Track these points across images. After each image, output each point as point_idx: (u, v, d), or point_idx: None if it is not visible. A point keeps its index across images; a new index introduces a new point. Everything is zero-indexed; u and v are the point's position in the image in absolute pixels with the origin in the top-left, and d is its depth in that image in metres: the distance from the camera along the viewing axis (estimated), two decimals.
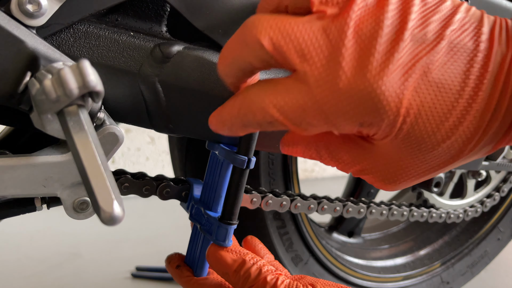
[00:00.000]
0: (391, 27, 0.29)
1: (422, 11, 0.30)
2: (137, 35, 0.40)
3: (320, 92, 0.29)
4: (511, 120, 0.31)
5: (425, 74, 0.29)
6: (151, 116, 0.42)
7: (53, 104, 0.28)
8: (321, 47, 0.29)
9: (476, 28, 0.30)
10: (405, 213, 0.73)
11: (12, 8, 0.33)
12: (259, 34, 0.29)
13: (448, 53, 0.30)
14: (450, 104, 0.30)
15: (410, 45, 0.29)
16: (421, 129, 0.30)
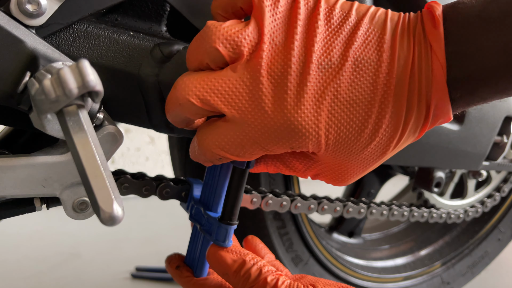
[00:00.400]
0: (298, 63, 0.33)
1: (326, 36, 0.33)
2: (137, 34, 0.40)
3: (250, 129, 0.34)
4: (425, 111, 0.34)
5: (335, 97, 0.33)
6: (151, 116, 0.42)
7: (52, 104, 0.27)
8: (241, 94, 0.33)
9: (379, 38, 0.34)
10: (405, 213, 0.73)
11: (12, 8, 0.33)
12: (187, 95, 0.33)
13: (354, 71, 0.33)
14: (365, 115, 0.34)
15: (318, 74, 0.33)
16: (345, 141, 0.35)
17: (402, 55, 0.33)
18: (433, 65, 0.33)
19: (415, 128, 0.35)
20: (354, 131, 0.34)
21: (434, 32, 0.33)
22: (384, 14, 0.35)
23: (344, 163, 0.37)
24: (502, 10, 0.32)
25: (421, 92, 0.34)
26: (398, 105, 0.34)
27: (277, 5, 0.34)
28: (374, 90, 0.33)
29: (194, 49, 0.34)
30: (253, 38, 0.33)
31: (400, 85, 0.33)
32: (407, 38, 0.34)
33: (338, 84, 0.33)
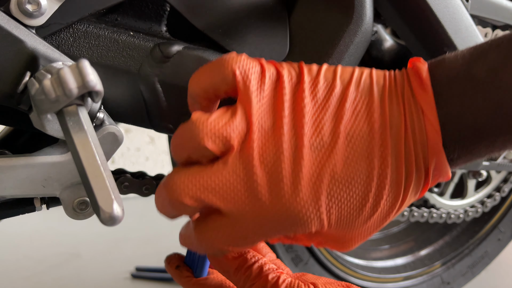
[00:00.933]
0: (290, 148, 0.32)
1: (314, 113, 0.32)
2: (137, 34, 0.40)
3: (250, 222, 0.32)
4: (424, 175, 0.33)
5: (332, 177, 0.32)
6: (151, 116, 0.42)
7: (52, 104, 0.27)
8: (236, 188, 0.32)
9: (368, 106, 0.33)
10: (405, 213, 0.73)
11: (12, 8, 0.33)
12: (180, 197, 0.32)
13: (347, 147, 0.32)
14: (365, 190, 0.32)
15: (311, 156, 0.32)
16: (347, 217, 0.33)
17: (394, 123, 0.32)
18: (427, 129, 0.33)
19: (416, 191, 0.34)
20: (355, 207, 0.33)
21: (423, 95, 0.33)
22: (369, 78, 0.34)
23: (347, 234, 0.36)
24: (490, 68, 0.32)
25: (418, 157, 0.33)
26: (396, 175, 0.33)
27: (262, 87, 0.33)
28: (371, 163, 0.32)
29: (180, 145, 0.33)
30: (241, 129, 0.32)
31: (396, 155, 0.32)
32: (396, 103, 0.33)
33: (334, 164, 0.32)
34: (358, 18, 0.45)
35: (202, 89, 0.34)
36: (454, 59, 0.33)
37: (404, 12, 0.49)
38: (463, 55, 0.33)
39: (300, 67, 0.34)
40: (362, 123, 0.32)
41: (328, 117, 0.32)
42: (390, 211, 0.34)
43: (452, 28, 0.50)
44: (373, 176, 0.32)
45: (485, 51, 0.33)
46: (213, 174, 0.32)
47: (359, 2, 0.44)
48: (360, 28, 0.45)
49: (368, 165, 0.32)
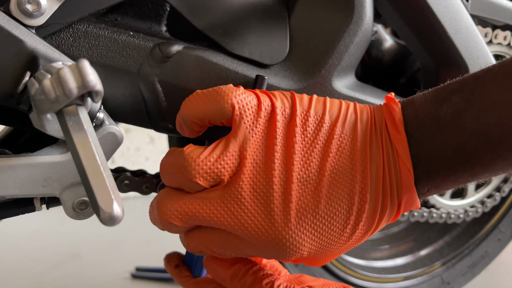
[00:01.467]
0: (279, 182, 0.34)
1: (303, 148, 0.34)
2: (137, 34, 0.40)
3: (234, 240, 0.35)
4: (397, 207, 0.36)
5: (316, 212, 0.34)
6: (151, 116, 0.42)
7: (52, 104, 0.27)
8: (222, 215, 0.34)
9: (352, 145, 0.35)
10: (405, 212, 0.73)
11: (12, 7, 0.33)
12: (169, 218, 0.35)
13: (331, 184, 0.34)
14: (344, 223, 0.35)
15: (298, 191, 0.34)
16: (325, 247, 0.36)
17: (374, 162, 0.35)
18: (401, 169, 0.35)
19: (388, 219, 0.37)
20: (334, 238, 0.36)
21: (398, 137, 0.35)
22: (354, 114, 0.36)
23: (325, 256, 0.38)
24: (454, 111, 0.34)
25: (393, 194, 0.35)
26: (373, 209, 0.35)
27: (258, 121, 0.34)
28: (351, 200, 0.34)
29: (171, 175, 0.35)
30: (232, 164, 0.34)
31: (374, 192, 0.35)
32: (376, 142, 0.35)
33: (318, 200, 0.34)
34: (358, 18, 0.45)
35: (197, 117, 0.35)
36: (424, 101, 0.36)
37: (404, 12, 0.49)
38: (430, 96, 0.36)
39: (293, 98, 0.36)
40: (346, 161, 0.35)
41: (316, 154, 0.34)
42: (362, 238, 0.37)
43: (452, 28, 0.50)
44: (353, 211, 0.35)
45: (450, 94, 0.35)
46: (202, 201, 0.34)
47: (359, 2, 0.44)
48: (360, 28, 0.45)
49: (349, 201, 0.34)
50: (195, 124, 0.36)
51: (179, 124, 0.37)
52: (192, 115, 0.35)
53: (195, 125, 0.36)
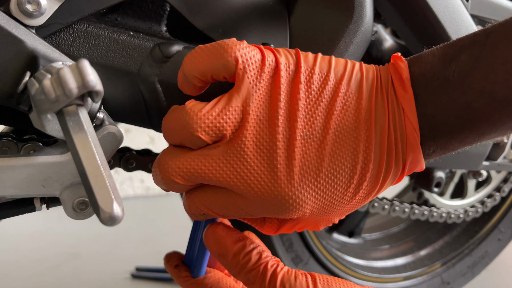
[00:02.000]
0: (283, 139, 0.33)
1: (307, 106, 0.34)
2: (137, 34, 0.40)
3: (237, 198, 0.34)
4: (401, 168, 0.36)
5: (319, 170, 0.34)
6: (151, 116, 0.42)
7: (52, 104, 0.27)
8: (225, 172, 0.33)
9: (357, 103, 0.34)
10: (406, 209, 0.73)
11: (12, 7, 0.33)
12: (171, 176, 0.34)
13: (335, 142, 0.34)
14: (347, 182, 0.35)
15: (302, 148, 0.33)
16: (328, 206, 0.35)
17: (379, 121, 0.34)
18: (406, 127, 0.34)
19: (392, 180, 0.37)
20: (337, 197, 0.35)
21: (405, 96, 0.34)
22: (359, 72, 0.35)
23: (327, 215, 0.38)
24: (461, 70, 0.33)
25: (398, 153, 0.35)
26: (378, 169, 0.35)
27: (262, 76, 0.34)
28: (355, 158, 0.34)
29: (173, 131, 0.34)
30: (235, 119, 0.33)
31: (379, 151, 0.34)
32: (381, 100, 0.35)
33: (322, 158, 0.34)
34: (358, 18, 0.45)
35: (200, 72, 0.34)
36: (431, 59, 0.35)
37: (404, 12, 0.49)
38: (438, 53, 0.35)
39: (297, 55, 0.35)
40: (351, 119, 0.34)
41: (320, 111, 0.34)
42: (366, 198, 0.36)
43: (452, 28, 0.50)
44: (357, 170, 0.34)
45: (458, 52, 0.34)
46: (204, 158, 0.33)
47: (359, 2, 0.44)
48: (360, 28, 0.45)
49: (353, 160, 0.34)
50: (198, 79, 0.35)
51: (181, 80, 0.36)
52: (195, 69, 0.34)
53: (198, 80, 0.35)
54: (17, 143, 0.37)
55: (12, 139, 0.37)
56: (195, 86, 0.36)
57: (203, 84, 0.36)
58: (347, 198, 0.36)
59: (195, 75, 0.35)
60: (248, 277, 0.39)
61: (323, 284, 0.38)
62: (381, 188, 0.36)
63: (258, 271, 0.38)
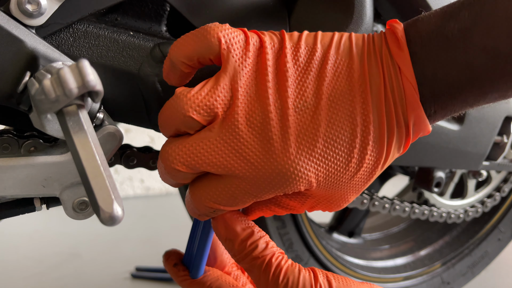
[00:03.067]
0: (275, 110, 0.33)
1: (296, 77, 0.34)
2: (137, 34, 0.40)
3: (240, 182, 0.34)
4: (405, 130, 0.35)
5: (317, 136, 0.33)
6: (151, 116, 0.42)
7: (52, 104, 0.27)
8: (223, 152, 0.33)
9: (348, 67, 0.34)
10: (406, 209, 0.73)
11: (12, 7, 0.33)
12: (172, 164, 0.34)
13: (330, 107, 0.34)
14: (349, 147, 0.34)
15: (296, 117, 0.33)
16: (334, 174, 0.35)
17: (374, 82, 0.34)
18: (404, 86, 0.34)
19: (399, 146, 0.36)
20: (341, 164, 0.35)
21: (400, 54, 0.34)
22: (348, 40, 0.35)
23: (336, 193, 0.37)
24: (462, 27, 0.33)
25: (398, 114, 0.34)
26: (379, 131, 0.34)
27: (246, 55, 0.34)
28: (354, 121, 0.34)
29: (167, 119, 0.35)
30: (225, 97, 0.33)
31: (377, 112, 0.34)
32: (375, 63, 0.34)
33: (318, 124, 0.33)
34: (358, 18, 0.45)
35: (186, 56, 0.35)
36: (428, 19, 0.35)
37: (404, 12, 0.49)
38: (436, 13, 0.35)
39: (282, 34, 0.35)
40: (344, 84, 0.34)
41: (311, 80, 0.34)
42: (375, 166, 0.36)
43: None
44: (357, 133, 0.34)
45: (458, 10, 0.33)
46: (201, 141, 0.33)
47: (359, 2, 0.44)
48: (360, 28, 0.45)
49: (351, 123, 0.34)
50: (185, 64, 0.35)
51: (168, 69, 0.36)
52: (181, 54, 0.35)
53: (185, 66, 0.35)
54: (18, 140, 0.37)
55: (13, 136, 0.37)
56: (182, 72, 0.36)
57: (190, 70, 0.36)
58: (353, 166, 0.35)
59: (182, 60, 0.35)
60: (253, 264, 0.39)
61: (324, 279, 0.38)
62: (389, 153, 0.36)
63: (263, 260, 0.38)
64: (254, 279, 0.39)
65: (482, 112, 0.67)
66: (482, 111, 0.66)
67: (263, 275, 0.38)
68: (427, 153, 0.63)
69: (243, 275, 0.50)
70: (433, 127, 0.62)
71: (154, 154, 0.50)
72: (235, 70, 0.33)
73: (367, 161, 0.35)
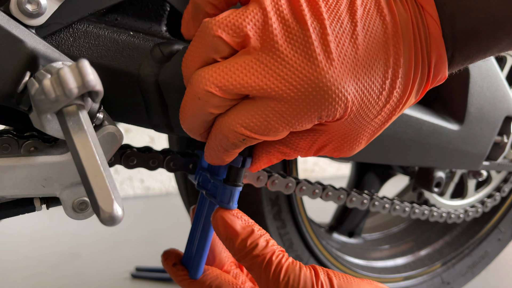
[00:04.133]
0: (314, 28, 0.33)
1: (328, 8, 0.33)
2: (137, 34, 0.40)
3: (276, 104, 0.33)
4: (427, 70, 0.36)
5: (356, 59, 0.33)
6: (151, 116, 0.42)
7: (52, 104, 0.27)
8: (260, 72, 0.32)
9: (376, 4, 0.35)
10: (407, 209, 0.73)
11: (12, 7, 0.33)
12: (205, 86, 0.33)
13: (366, 34, 0.34)
14: (382, 76, 0.34)
15: (335, 38, 0.33)
16: (366, 105, 0.35)
17: (402, 17, 0.35)
18: (428, 24, 0.35)
19: (418, 88, 0.37)
20: (374, 94, 0.35)
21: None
22: None
23: (356, 130, 0.37)
24: None
25: (423, 51, 0.35)
26: (407, 65, 0.35)
27: None
28: (387, 51, 0.34)
29: (195, 47, 0.34)
30: (255, 18, 0.32)
31: (407, 45, 0.35)
32: (400, 1, 0.35)
33: (356, 47, 0.33)
34: None
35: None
36: None
37: None
38: None
39: None
40: (375, 17, 0.34)
41: (343, 10, 0.34)
42: (397, 105, 0.36)
43: None
44: (390, 64, 0.35)
45: None
46: (236, 63, 0.32)
47: None
48: None
49: (385, 53, 0.34)
50: (211, 5, 0.35)
51: (189, 17, 0.36)
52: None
53: (210, 6, 0.35)
54: (18, 140, 0.37)
55: (13, 136, 0.37)
56: (208, 14, 0.35)
57: (215, 11, 0.36)
58: (383, 99, 0.35)
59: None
60: (253, 263, 0.39)
61: (325, 276, 0.38)
62: (410, 94, 0.36)
63: (263, 258, 0.38)
64: (255, 278, 0.39)
65: (482, 112, 0.67)
66: (482, 111, 0.67)
67: (264, 273, 0.38)
68: (427, 153, 0.63)
69: (242, 273, 0.50)
70: (433, 127, 0.62)
71: (154, 155, 0.50)
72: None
73: (394, 97, 0.36)
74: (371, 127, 0.37)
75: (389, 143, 0.59)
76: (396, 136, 0.59)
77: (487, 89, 0.67)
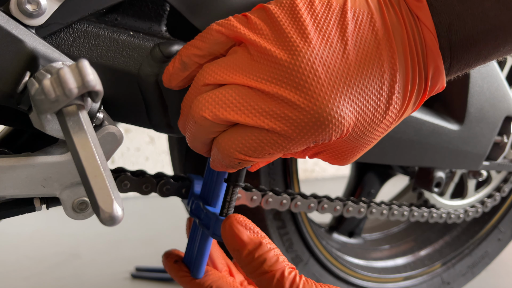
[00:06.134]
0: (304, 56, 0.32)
1: (316, 26, 0.33)
2: (137, 34, 0.40)
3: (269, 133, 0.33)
4: (424, 80, 0.35)
5: (348, 80, 0.32)
6: (151, 116, 0.42)
7: (52, 104, 0.27)
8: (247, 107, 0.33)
9: (368, 17, 0.34)
10: (405, 213, 0.73)
11: (11, 7, 0.33)
12: (201, 111, 0.34)
13: (358, 52, 0.33)
14: (378, 94, 0.34)
15: (326, 62, 0.32)
16: (362, 125, 0.34)
17: (396, 30, 0.34)
18: (424, 35, 0.34)
19: (415, 99, 0.36)
20: (370, 113, 0.34)
21: (418, 5, 0.34)
22: None
23: (352, 145, 0.37)
24: None
25: (420, 63, 0.35)
26: (404, 80, 0.34)
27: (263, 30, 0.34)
28: (381, 68, 0.33)
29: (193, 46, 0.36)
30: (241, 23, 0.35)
31: (403, 60, 0.34)
32: (394, 13, 0.34)
33: (348, 67, 0.32)
34: None
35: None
36: None
37: None
38: None
39: None
40: (367, 31, 0.33)
41: (332, 27, 0.33)
42: (394, 119, 0.36)
43: None
44: (384, 80, 0.34)
45: None
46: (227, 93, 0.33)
47: None
48: None
49: (379, 69, 0.33)
50: (195, 64, 0.36)
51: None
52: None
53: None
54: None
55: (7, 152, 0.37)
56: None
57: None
58: (379, 116, 0.35)
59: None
60: (262, 279, 0.37)
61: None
62: (407, 107, 0.36)
63: (273, 275, 0.36)
64: None
65: (482, 112, 0.67)
66: (482, 111, 0.67)
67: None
68: (427, 153, 0.63)
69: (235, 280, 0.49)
70: (433, 127, 0.62)
71: (147, 179, 0.51)
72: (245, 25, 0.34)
73: (391, 112, 0.35)
74: (367, 141, 0.37)
75: (389, 143, 0.59)
76: (396, 136, 0.59)
77: (487, 89, 0.67)
